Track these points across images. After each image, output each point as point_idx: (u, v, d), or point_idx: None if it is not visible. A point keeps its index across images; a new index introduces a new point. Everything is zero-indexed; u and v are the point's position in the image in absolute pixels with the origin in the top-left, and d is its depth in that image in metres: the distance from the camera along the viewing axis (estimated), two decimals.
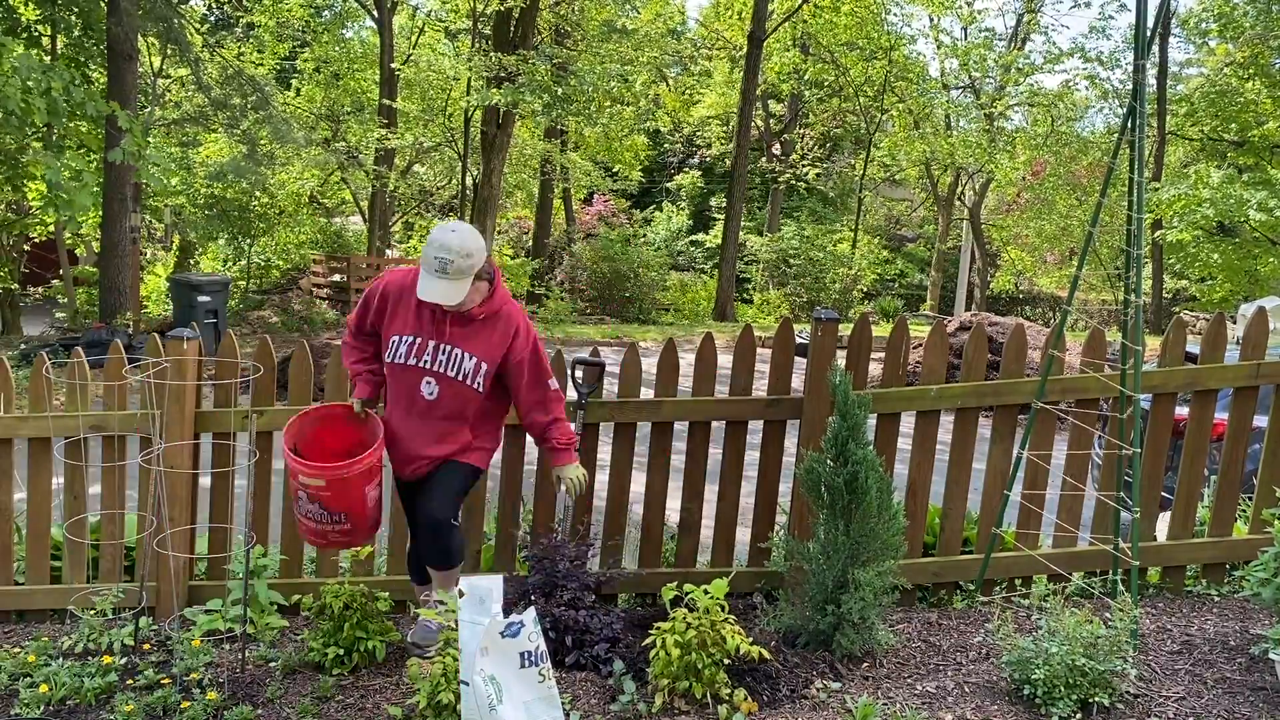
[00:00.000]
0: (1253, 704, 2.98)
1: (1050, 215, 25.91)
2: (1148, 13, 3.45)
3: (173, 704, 3.16)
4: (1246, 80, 22.44)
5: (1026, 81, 25.97)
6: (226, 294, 14.80)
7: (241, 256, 21.74)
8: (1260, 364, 3.96)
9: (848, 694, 3.12)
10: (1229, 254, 21.65)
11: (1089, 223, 4.10)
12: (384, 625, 3.62)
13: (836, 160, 30.81)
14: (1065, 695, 2.92)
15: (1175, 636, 3.52)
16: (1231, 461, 4.01)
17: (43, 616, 4.17)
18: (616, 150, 27.45)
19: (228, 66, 18.46)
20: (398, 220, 25.68)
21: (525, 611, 2.80)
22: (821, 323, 3.88)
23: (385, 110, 19.31)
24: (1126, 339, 3.57)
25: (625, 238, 24.42)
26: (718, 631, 3.03)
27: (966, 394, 3.98)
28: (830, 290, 23.68)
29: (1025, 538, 4.01)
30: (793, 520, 3.97)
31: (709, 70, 30.59)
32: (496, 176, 18.03)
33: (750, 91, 22.19)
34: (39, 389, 4.07)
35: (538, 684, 2.75)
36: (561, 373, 3.99)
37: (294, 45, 23.59)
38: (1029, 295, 30.90)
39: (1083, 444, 3.96)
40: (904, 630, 3.66)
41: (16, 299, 18.71)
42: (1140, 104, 3.48)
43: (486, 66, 16.08)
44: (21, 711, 3.17)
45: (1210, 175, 17.55)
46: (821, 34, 25.81)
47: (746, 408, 4.04)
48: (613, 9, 23.28)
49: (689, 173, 33.05)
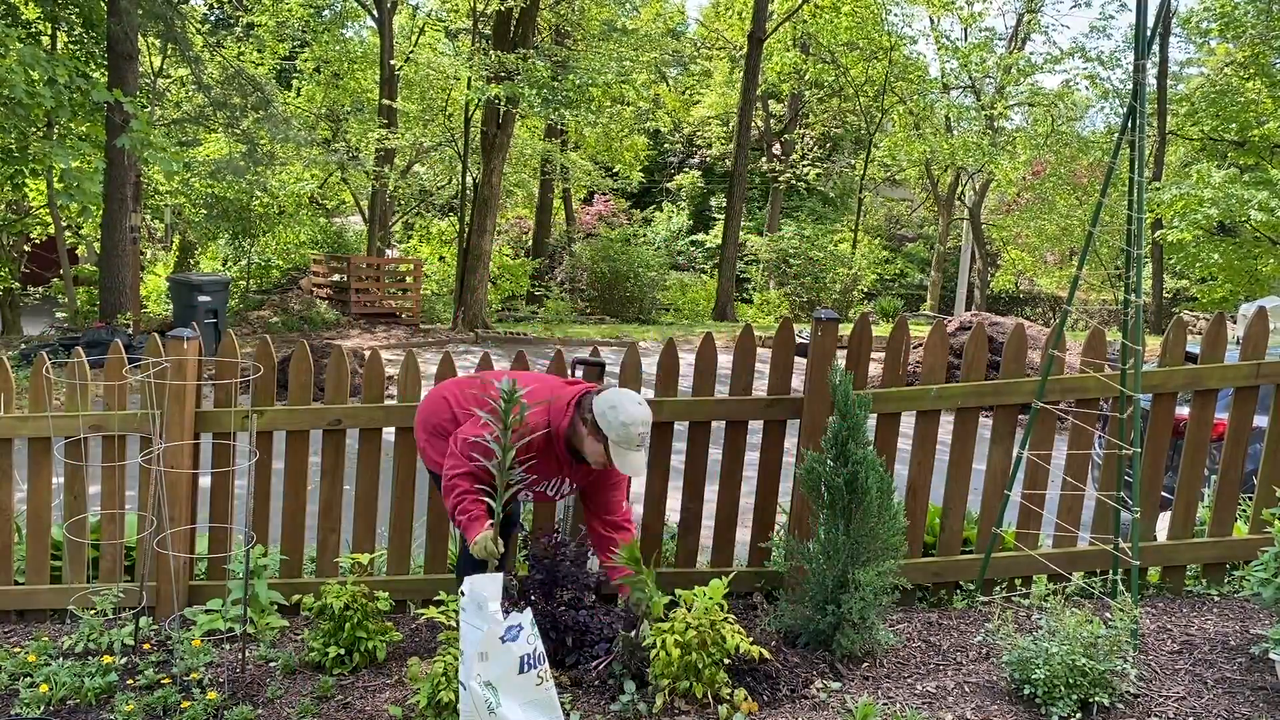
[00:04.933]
0: (1253, 704, 2.97)
1: (1050, 215, 25.91)
2: (1148, 12, 3.45)
3: (173, 704, 3.16)
4: (1247, 80, 22.43)
5: (1027, 81, 25.98)
6: (226, 294, 14.80)
7: (241, 256, 21.75)
8: (1260, 364, 3.96)
9: (848, 694, 3.12)
10: (1229, 254, 21.64)
11: (1089, 223, 4.10)
12: (384, 625, 3.63)
13: (836, 160, 30.82)
14: (1065, 695, 2.92)
15: (1175, 636, 3.51)
16: (1231, 461, 4.01)
17: (43, 616, 4.17)
18: (616, 150, 27.47)
19: (228, 66, 18.47)
20: (398, 220, 25.68)
21: (523, 614, 2.80)
22: (821, 323, 3.88)
23: (385, 110, 19.31)
24: (1126, 339, 3.57)
25: (625, 238, 24.42)
26: (718, 631, 3.03)
27: (966, 394, 3.98)
28: (830, 290, 23.69)
29: (1025, 538, 4.01)
30: (793, 520, 3.97)
31: (709, 70, 30.61)
32: (496, 176, 18.02)
33: (750, 91, 22.20)
34: (39, 389, 4.07)
35: (535, 687, 2.75)
36: (561, 372, 3.99)
37: (294, 45, 23.59)
38: (1029, 295, 30.92)
39: (1083, 444, 3.96)
40: (904, 630, 3.66)
41: (16, 299, 18.72)
42: (1140, 104, 3.48)
43: (486, 66, 16.07)
44: (22, 711, 3.17)
45: (1212, 174, 17.52)
46: (821, 34, 25.82)
47: (746, 407, 4.04)
48: (613, 9, 23.27)
49: (689, 173, 33.05)
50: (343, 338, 16.18)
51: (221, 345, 4.10)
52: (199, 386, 4.09)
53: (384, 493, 4.14)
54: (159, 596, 3.97)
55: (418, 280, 19.90)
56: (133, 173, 13.89)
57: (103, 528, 4.10)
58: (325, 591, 3.54)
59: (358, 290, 18.80)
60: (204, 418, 4.04)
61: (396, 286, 19.75)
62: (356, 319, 18.22)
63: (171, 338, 3.98)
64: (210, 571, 4.17)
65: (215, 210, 19.89)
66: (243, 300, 19.76)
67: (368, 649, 3.50)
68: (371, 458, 4.11)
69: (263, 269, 22.32)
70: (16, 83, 8.98)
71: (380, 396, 4.12)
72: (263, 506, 4.15)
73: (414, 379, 4.08)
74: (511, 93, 15.31)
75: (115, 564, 4.10)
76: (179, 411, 3.94)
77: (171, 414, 3.93)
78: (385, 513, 4.18)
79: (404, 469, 4.10)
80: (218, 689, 3.26)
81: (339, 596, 3.50)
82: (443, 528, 4.11)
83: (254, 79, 17.91)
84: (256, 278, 21.97)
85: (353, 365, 7.60)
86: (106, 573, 4.09)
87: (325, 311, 18.48)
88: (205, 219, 20.24)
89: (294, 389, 4.11)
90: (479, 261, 18.10)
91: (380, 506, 4.15)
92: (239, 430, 4.04)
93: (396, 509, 4.11)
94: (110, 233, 13.99)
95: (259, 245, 21.80)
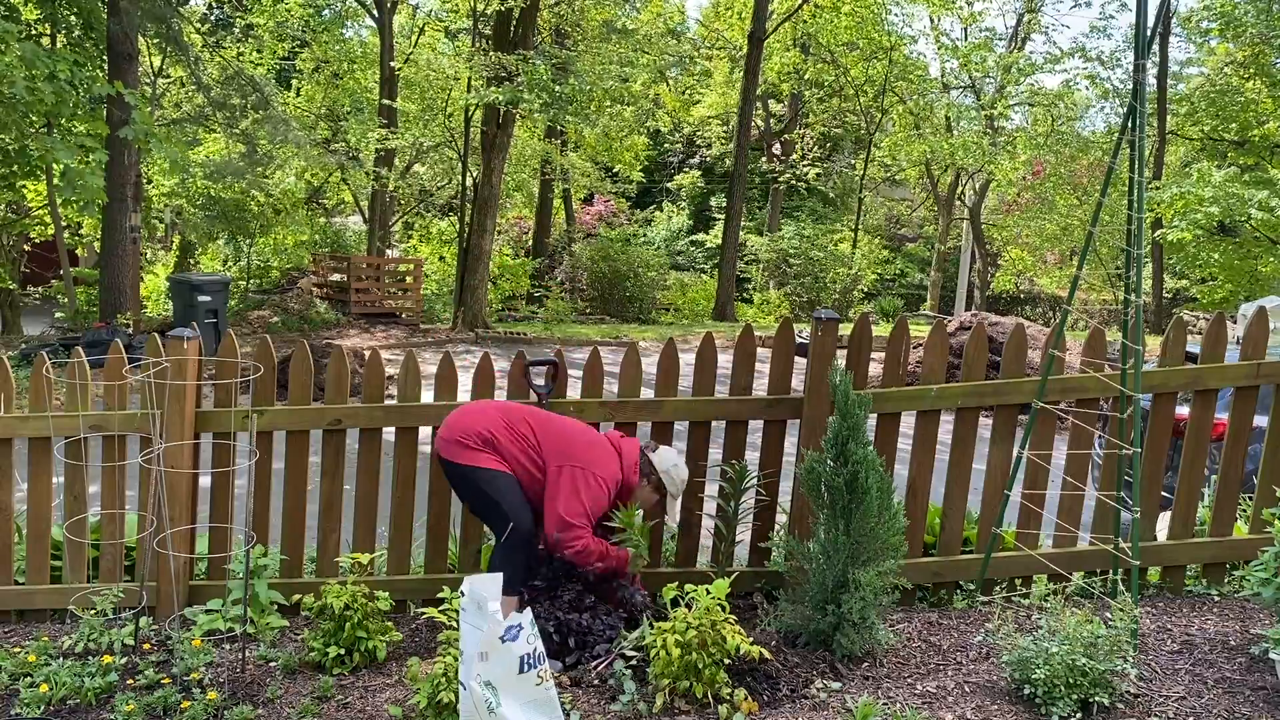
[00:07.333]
0: (1253, 704, 2.97)
1: (1050, 215, 25.90)
2: (1148, 12, 3.44)
3: (173, 704, 3.16)
4: (1247, 80, 22.42)
5: (1027, 81, 25.98)
6: (226, 294, 14.81)
7: (241, 256, 21.77)
8: (1260, 364, 3.96)
9: (848, 694, 3.11)
10: (1229, 254, 21.63)
11: (1089, 222, 4.10)
12: (384, 625, 3.63)
13: (836, 160, 30.82)
14: (1065, 695, 2.91)
15: (1175, 636, 3.51)
16: (1231, 461, 4.01)
17: (43, 616, 4.17)
18: (616, 150, 27.47)
19: (227, 66, 18.46)
20: (398, 220, 25.68)
21: (523, 614, 2.80)
22: (821, 323, 3.88)
23: (385, 110, 19.30)
24: (1127, 339, 3.56)
25: (625, 238, 24.43)
26: (718, 631, 3.02)
27: (967, 394, 3.98)
28: (830, 290, 23.69)
29: (1025, 538, 4.01)
30: (793, 520, 3.97)
31: (709, 70, 30.59)
32: (496, 176, 18.02)
33: (750, 91, 22.19)
34: (39, 389, 4.07)
35: (535, 686, 2.75)
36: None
37: (293, 45, 23.58)
38: (1029, 295, 30.90)
39: (1083, 444, 3.96)
40: (904, 630, 3.65)
41: (16, 299, 18.71)
42: (1140, 104, 3.48)
43: (486, 66, 16.07)
44: (22, 711, 3.17)
45: (1212, 174, 17.52)
46: (821, 34, 25.82)
47: (746, 407, 4.04)
48: (613, 9, 23.26)
49: (689, 173, 33.05)
50: (342, 338, 16.18)
51: (221, 345, 4.09)
52: (199, 386, 4.09)
53: (384, 493, 4.14)
54: (159, 596, 3.97)
55: (418, 280, 19.90)
56: (133, 172, 13.88)
57: (103, 528, 4.10)
58: (325, 591, 3.54)
59: (357, 290, 18.80)
60: (204, 418, 4.04)
61: (396, 286, 19.75)
62: (356, 319, 18.22)
63: (171, 338, 3.98)
64: (210, 571, 4.17)
65: (214, 210, 19.90)
66: (242, 300, 19.77)
67: (368, 649, 3.50)
68: (371, 458, 4.11)
69: (262, 269, 22.33)
70: (17, 79, 8.95)
71: (380, 396, 4.12)
72: (263, 506, 4.15)
73: (414, 379, 4.08)
74: (512, 97, 15.31)
75: (115, 564, 4.10)
76: (179, 411, 3.94)
77: (171, 414, 3.93)
78: (385, 512, 4.18)
79: (404, 469, 4.10)
80: (218, 689, 3.26)
81: (339, 596, 3.50)
82: (443, 527, 4.12)
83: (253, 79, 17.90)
84: (256, 278, 21.98)
85: (353, 365, 7.60)
86: (106, 573, 4.09)
87: (325, 311, 18.49)
88: (204, 219, 20.24)
89: (294, 389, 4.11)
90: (479, 261, 18.10)
91: (380, 506, 4.15)
92: (239, 430, 4.04)
93: (396, 509, 4.11)
94: (110, 233, 13.98)
95: (258, 245, 21.80)
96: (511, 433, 3.62)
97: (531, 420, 3.68)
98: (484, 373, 4.06)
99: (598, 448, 3.66)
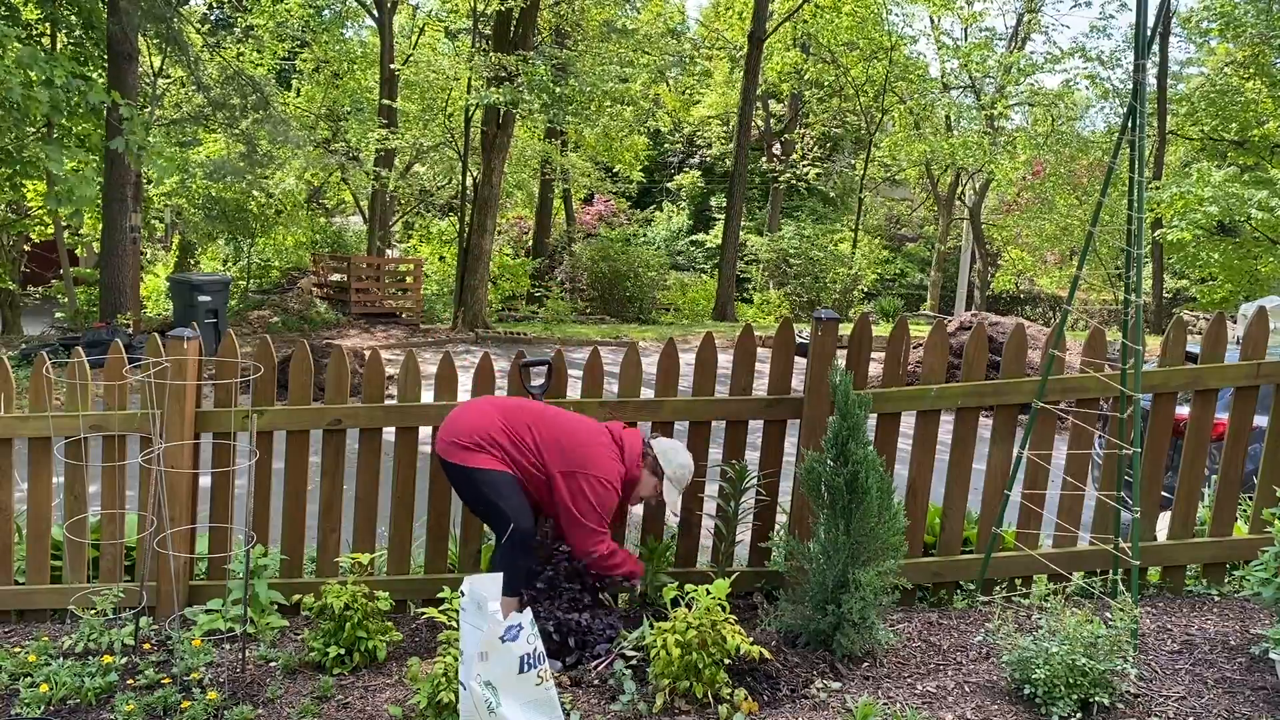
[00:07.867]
0: (1253, 704, 2.97)
1: (1050, 215, 25.91)
2: (1148, 12, 3.44)
3: (173, 704, 3.16)
4: (1247, 80, 22.42)
5: (1027, 81, 25.98)
6: (226, 294, 14.81)
7: (241, 256, 21.77)
8: (1260, 364, 3.96)
9: (848, 694, 3.11)
10: (1229, 254, 21.64)
11: (1089, 222, 4.10)
12: (384, 625, 3.63)
13: (836, 160, 30.83)
14: (1066, 695, 2.92)
15: (1175, 636, 3.51)
16: (1231, 461, 4.01)
17: (43, 616, 4.17)
18: (616, 150, 27.48)
19: (227, 66, 18.46)
20: (398, 220, 25.68)
21: (523, 614, 2.80)
22: (821, 322, 3.88)
23: (385, 110, 19.31)
24: (1127, 338, 3.56)
25: (625, 238, 24.43)
26: (718, 631, 3.02)
27: (967, 394, 3.98)
28: (830, 290, 23.69)
29: (1025, 538, 4.01)
30: (793, 520, 3.97)
31: (709, 70, 30.60)
32: (496, 176, 18.02)
33: (750, 91, 22.19)
34: (39, 389, 4.07)
35: (535, 686, 2.75)
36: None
37: (294, 45, 23.59)
38: (1029, 295, 30.90)
39: (1083, 444, 3.96)
40: (904, 630, 3.66)
41: (16, 299, 18.72)
42: (1140, 104, 3.48)
43: (486, 66, 16.07)
44: (22, 711, 3.17)
45: (1212, 173, 17.52)
46: (822, 34, 25.83)
47: (746, 407, 4.04)
48: (613, 9, 23.27)
49: (689, 173, 33.06)
50: (342, 338, 16.18)
51: (221, 345, 4.09)
52: (199, 386, 4.09)
53: (384, 493, 4.14)
54: (159, 596, 3.97)
55: (418, 280, 19.90)
56: (133, 173, 13.88)
57: (103, 528, 4.10)
58: (325, 591, 3.54)
59: (358, 290, 18.80)
60: (204, 418, 4.04)
61: (396, 286, 19.75)
62: (356, 319, 18.22)
63: (171, 338, 3.98)
64: (210, 571, 4.17)
65: (214, 211, 19.90)
66: (242, 300, 19.77)
67: (368, 649, 3.50)
68: (371, 458, 4.11)
69: (262, 269, 22.33)
70: (13, 84, 8.94)
71: (380, 396, 4.12)
72: (263, 506, 4.15)
73: (414, 379, 4.08)
74: (512, 97, 15.31)
75: (115, 564, 4.10)
76: (179, 411, 3.94)
77: (171, 414, 3.93)
78: (385, 512, 4.18)
79: (404, 469, 4.10)
80: (218, 689, 3.26)
81: (339, 596, 3.50)
82: (443, 527, 4.12)
83: (253, 79, 17.87)
84: (256, 278, 21.98)
85: (353, 365, 7.60)
86: (106, 573, 4.09)
87: (325, 311, 18.49)
88: (204, 219, 20.25)
89: (294, 389, 4.11)
90: (479, 261, 18.10)
91: (380, 506, 4.15)
92: (239, 430, 4.04)
93: (396, 509, 4.11)
94: (110, 233, 13.98)
95: (258, 245, 21.81)
96: (511, 433, 3.62)
97: (531, 419, 3.67)
98: (484, 373, 4.07)
99: (598, 445, 3.64)
